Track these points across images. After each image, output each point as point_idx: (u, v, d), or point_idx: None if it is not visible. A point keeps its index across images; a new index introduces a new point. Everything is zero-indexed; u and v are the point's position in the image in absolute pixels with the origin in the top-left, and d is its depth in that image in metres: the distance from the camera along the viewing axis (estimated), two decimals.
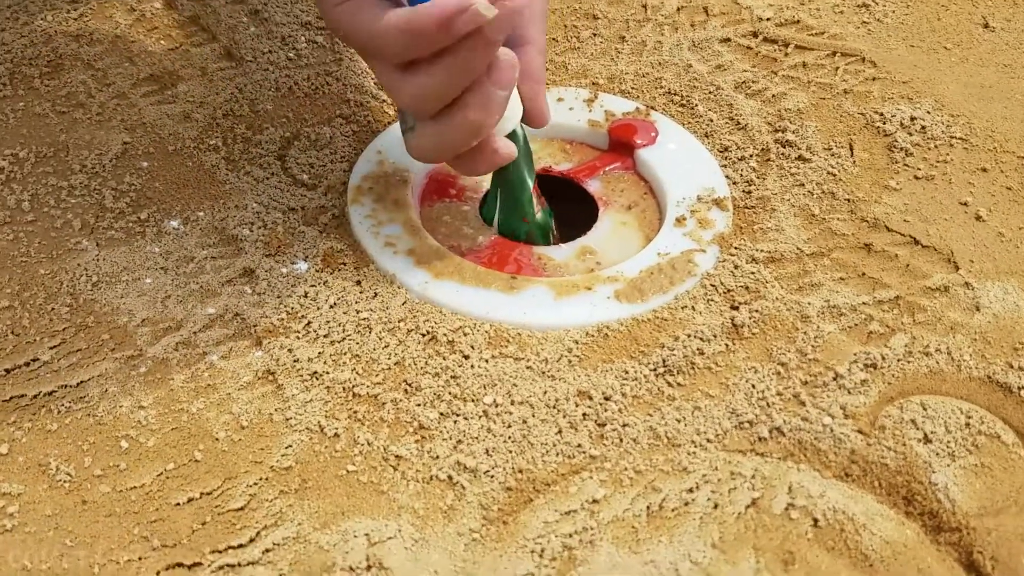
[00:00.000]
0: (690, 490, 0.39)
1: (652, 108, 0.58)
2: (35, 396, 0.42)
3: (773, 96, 0.58)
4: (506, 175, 0.50)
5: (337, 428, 0.41)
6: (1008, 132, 0.54)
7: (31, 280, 0.47)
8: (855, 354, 0.43)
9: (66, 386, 0.42)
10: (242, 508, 0.38)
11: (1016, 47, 0.61)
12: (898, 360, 0.43)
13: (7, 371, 0.43)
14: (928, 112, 0.56)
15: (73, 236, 0.49)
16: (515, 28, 0.46)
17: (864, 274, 0.47)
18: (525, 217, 0.51)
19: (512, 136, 0.47)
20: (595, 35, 0.63)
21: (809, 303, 0.46)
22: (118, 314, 0.45)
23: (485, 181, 0.54)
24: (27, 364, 0.43)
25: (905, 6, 0.65)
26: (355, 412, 0.42)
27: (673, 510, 0.38)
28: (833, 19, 0.63)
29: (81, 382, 0.43)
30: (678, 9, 0.65)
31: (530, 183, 0.50)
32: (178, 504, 0.38)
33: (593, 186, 0.55)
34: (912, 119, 0.55)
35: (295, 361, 0.44)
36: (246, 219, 0.51)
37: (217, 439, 0.41)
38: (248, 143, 0.55)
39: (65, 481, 0.39)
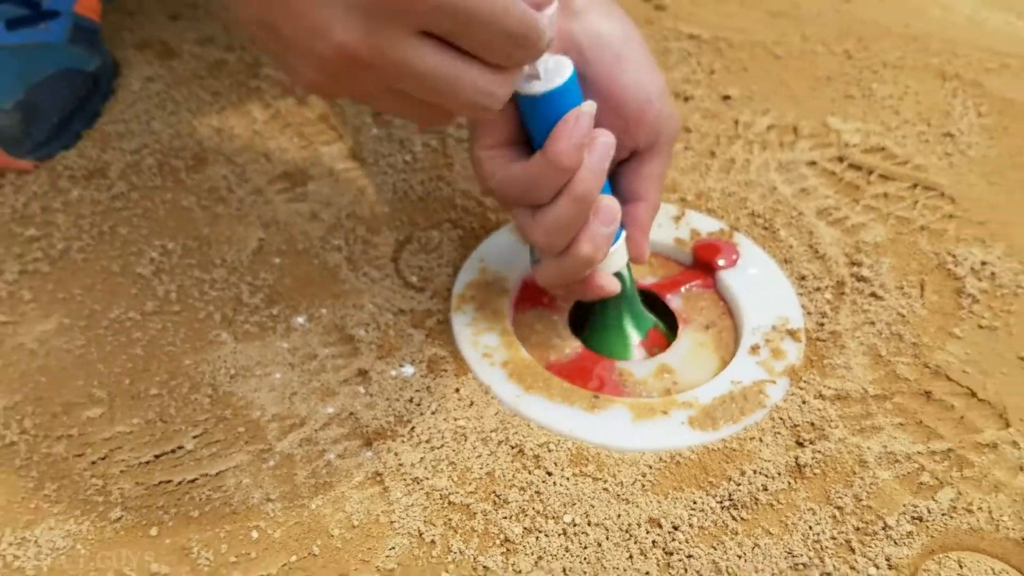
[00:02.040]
0: None
1: (736, 229, 0.62)
2: (180, 482, 0.49)
3: (853, 226, 0.62)
4: (606, 310, 0.55)
5: (434, 535, 0.47)
6: None
7: (177, 369, 0.54)
8: (904, 505, 0.47)
9: (207, 475, 0.49)
10: None
11: None
12: (943, 514, 0.47)
13: (156, 456, 0.50)
14: (999, 258, 0.59)
15: (214, 328, 0.56)
16: (633, 185, 0.52)
17: (921, 422, 0.51)
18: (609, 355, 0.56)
19: (619, 277, 0.53)
20: (687, 148, 0.68)
21: (869, 447, 0.50)
22: (251, 408, 0.52)
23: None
24: (173, 451, 0.50)
25: (989, 137, 0.68)
26: (450, 520, 0.48)
27: None
28: (918, 148, 0.67)
29: (219, 472, 0.49)
30: (768, 128, 0.69)
31: (632, 336, 0.55)
32: None
33: (674, 302, 0.60)
34: (983, 264, 0.59)
35: (400, 465, 0.50)
36: (362, 320, 0.57)
37: (332, 536, 0.47)
38: (367, 244, 0.61)
39: (205, 565, 0.46)
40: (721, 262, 0.60)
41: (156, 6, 0.80)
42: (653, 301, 0.60)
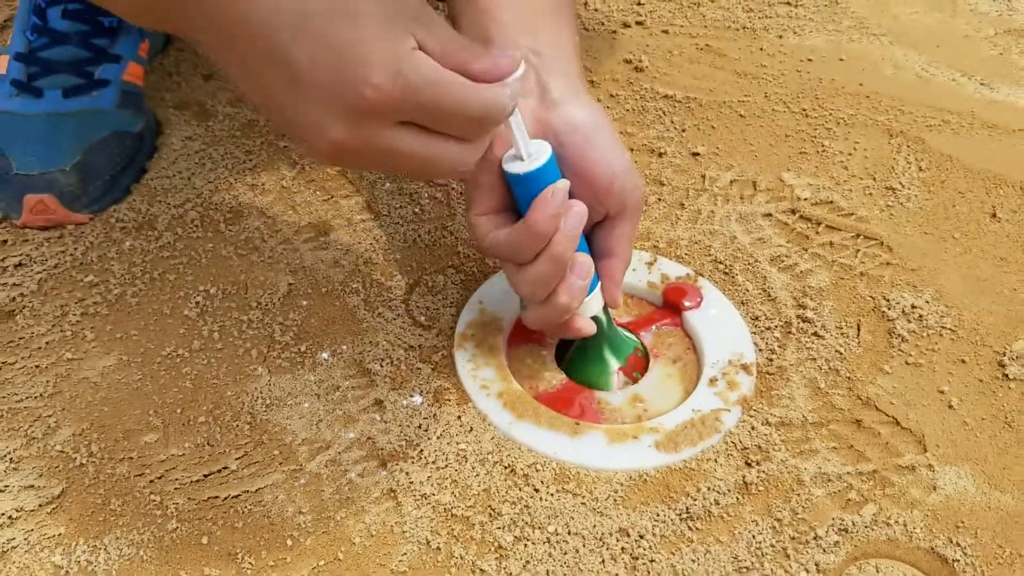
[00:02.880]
0: None
1: (700, 275, 0.71)
2: (226, 498, 0.58)
3: (801, 272, 0.71)
4: (587, 345, 0.65)
5: (439, 543, 0.56)
6: (990, 326, 0.67)
7: (221, 400, 0.63)
8: (833, 518, 0.57)
9: (248, 491, 0.58)
10: None
11: (1015, 240, 0.73)
12: (865, 527, 0.56)
13: (205, 476, 0.59)
14: (927, 302, 0.68)
15: (251, 363, 0.65)
16: (606, 243, 0.61)
17: (852, 446, 0.61)
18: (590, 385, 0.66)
19: (596, 320, 0.62)
20: (660, 200, 0.77)
21: (805, 468, 0.59)
22: (285, 434, 0.61)
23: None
24: (219, 471, 0.59)
25: (927, 191, 0.77)
26: (452, 530, 0.57)
27: None
28: (861, 201, 0.76)
29: (259, 489, 0.59)
30: (731, 182, 0.78)
31: (612, 363, 0.65)
32: None
33: (647, 339, 0.69)
34: (913, 307, 0.68)
35: (410, 483, 0.59)
36: (378, 355, 0.66)
37: (354, 543, 0.56)
38: (381, 288, 0.71)
39: (248, 568, 0.55)
40: (687, 303, 0.70)
41: (191, 67, 0.89)
42: None
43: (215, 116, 0.84)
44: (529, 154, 0.56)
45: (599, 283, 0.62)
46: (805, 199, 0.76)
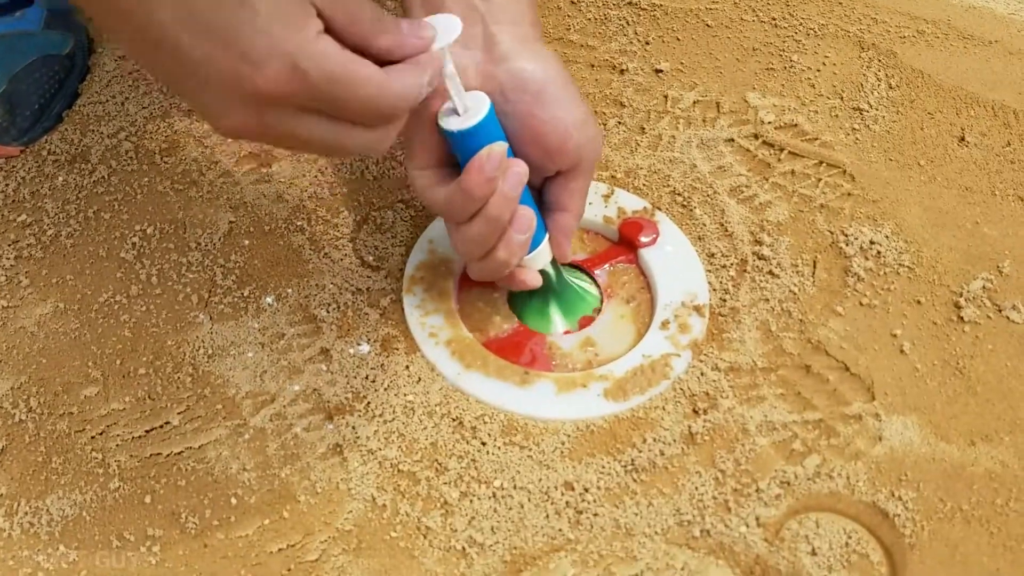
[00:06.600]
0: (636, 575, 0.54)
1: (658, 208, 0.69)
2: (168, 455, 0.58)
3: (760, 204, 0.69)
4: (534, 298, 0.63)
5: (385, 500, 0.56)
6: (948, 264, 0.65)
7: (161, 349, 0.62)
8: (776, 470, 0.57)
9: (191, 448, 0.58)
10: (316, 560, 0.54)
11: (982, 166, 0.71)
12: (808, 479, 0.56)
13: (147, 432, 0.59)
14: (887, 237, 0.66)
15: (192, 310, 0.64)
16: (559, 198, 0.59)
17: (799, 393, 0.60)
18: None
19: (544, 274, 0.60)
20: (620, 123, 0.74)
21: (751, 416, 0.59)
22: (228, 386, 0.60)
23: None
24: (161, 427, 0.59)
25: (895, 111, 0.74)
26: (398, 486, 0.57)
27: None
28: (827, 124, 0.73)
29: (202, 445, 0.58)
30: (694, 103, 0.75)
31: (558, 324, 0.63)
32: (271, 552, 0.54)
33: (601, 278, 0.67)
34: (871, 243, 0.66)
35: (356, 438, 0.59)
36: (324, 300, 0.64)
37: (299, 501, 0.56)
38: (327, 225, 0.68)
39: (192, 528, 0.55)
40: (643, 239, 0.68)
41: None
42: (582, 275, 0.68)
43: None
44: (466, 108, 0.52)
45: (547, 236, 0.60)
46: (769, 123, 0.73)
